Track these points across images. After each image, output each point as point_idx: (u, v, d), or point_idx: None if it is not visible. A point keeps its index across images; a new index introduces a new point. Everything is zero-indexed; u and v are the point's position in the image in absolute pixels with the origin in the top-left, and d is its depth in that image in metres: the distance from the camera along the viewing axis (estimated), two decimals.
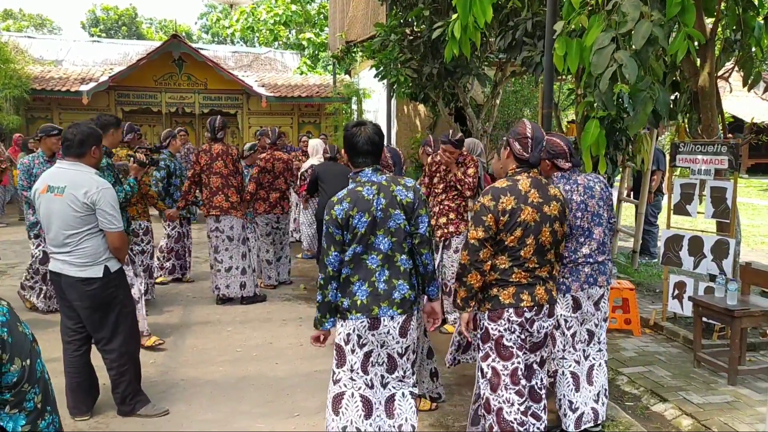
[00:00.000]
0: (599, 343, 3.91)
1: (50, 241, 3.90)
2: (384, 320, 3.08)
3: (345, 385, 3.15)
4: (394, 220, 3.08)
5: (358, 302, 3.07)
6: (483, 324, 3.26)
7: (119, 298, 3.99)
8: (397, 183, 3.14)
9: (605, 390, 3.90)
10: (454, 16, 5.17)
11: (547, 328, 3.29)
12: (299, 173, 8.67)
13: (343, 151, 3.32)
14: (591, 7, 4.67)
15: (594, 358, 3.89)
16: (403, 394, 3.24)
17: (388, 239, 3.08)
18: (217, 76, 16.84)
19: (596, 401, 3.84)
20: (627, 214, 11.18)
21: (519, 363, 3.22)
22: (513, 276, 3.16)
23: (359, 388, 3.14)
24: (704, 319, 5.04)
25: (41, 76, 16.17)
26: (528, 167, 3.24)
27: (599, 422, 3.84)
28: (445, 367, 4.43)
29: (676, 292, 5.69)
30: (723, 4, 5.48)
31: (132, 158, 5.50)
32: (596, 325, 3.89)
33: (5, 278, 7.89)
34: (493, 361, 3.24)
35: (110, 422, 4.04)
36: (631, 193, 9.06)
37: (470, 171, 5.78)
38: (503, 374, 3.22)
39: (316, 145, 8.88)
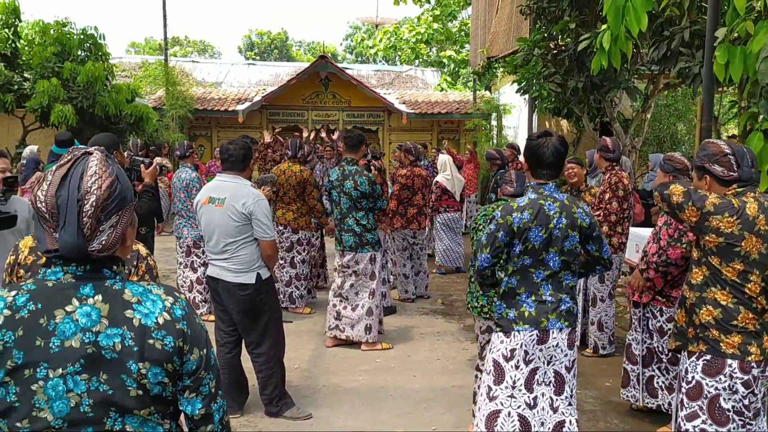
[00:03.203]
0: None
1: (210, 249, 4.21)
2: (553, 332, 3.00)
3: (502, 404, 3.05)
4: (570, 241, 3.01)
5: (526, 314, 3.01)
6: (693, 377, 2.82)
7: (269, 304, 4.22)
8: (578, 205, 3.08)
9: None
10: (603, 26, 5.00)
11: None
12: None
13: (523, 159, 3.27)
14: (757, 13, 4.33)
15: None
16: (571, 422, 3.09)
17: (558, 258, 3.01)
18: (360, 94, 17.41)
19: None
20: None
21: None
22: (738, 318, 2.72)
23: (518, 407, 3.04)
24: None
25: (203, 97, 17.56)
26: (744, 185, 2.82)
27: None
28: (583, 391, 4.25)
29: None
30: None
31: (371, 166, 5.97)
32: None
33: (169, 282, 8.60)
34: (704, 423, 2.78)
35: (259, 422, 4.26)
36: None
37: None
38: None
39: (444, 160, 8.91)
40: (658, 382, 4.21)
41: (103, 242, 1.43)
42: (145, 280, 2.23)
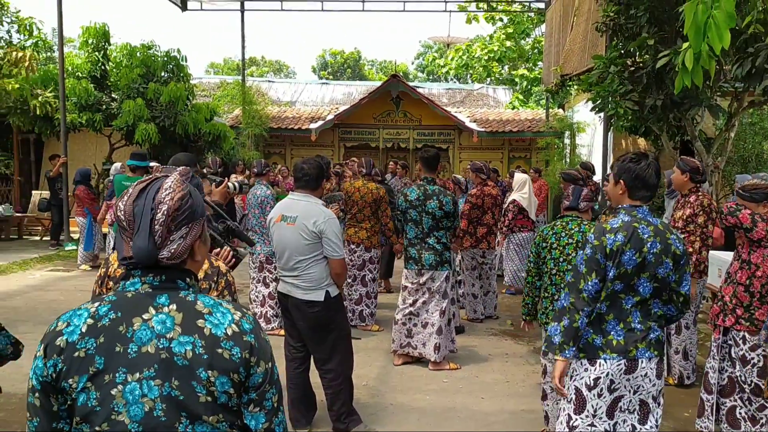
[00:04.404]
0: None
1: (281, 266, 4.29)
2: (642, 362, 2.91)
3: None
4: (664, 268, 2.92)
5: (614, 342, 2.92)
6: None
7: (337, 321, 4.26)
8: (671, 231, 2.98)
9: None
10: (684, 44, 4.84)
11: None
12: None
13: (622, 182, 3.05)
14: None
15: None
16: None
17: (650, 284, 2.92)
18: (431, 113, 17.46)
19: None
20: None
21: None
22: None
23: None
24: None
25: (278, 116, 18.03)
26: None
27: None
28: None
29: None
30: None
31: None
32: None
33: (241, 297, 8.81)
34: None
35: None
36: None
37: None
38: None
39: (523, 179, 8.81)
40: (740, 413, 4.02)
41: (172, 251, 1.51)
42: (224, 295, 2.33)
